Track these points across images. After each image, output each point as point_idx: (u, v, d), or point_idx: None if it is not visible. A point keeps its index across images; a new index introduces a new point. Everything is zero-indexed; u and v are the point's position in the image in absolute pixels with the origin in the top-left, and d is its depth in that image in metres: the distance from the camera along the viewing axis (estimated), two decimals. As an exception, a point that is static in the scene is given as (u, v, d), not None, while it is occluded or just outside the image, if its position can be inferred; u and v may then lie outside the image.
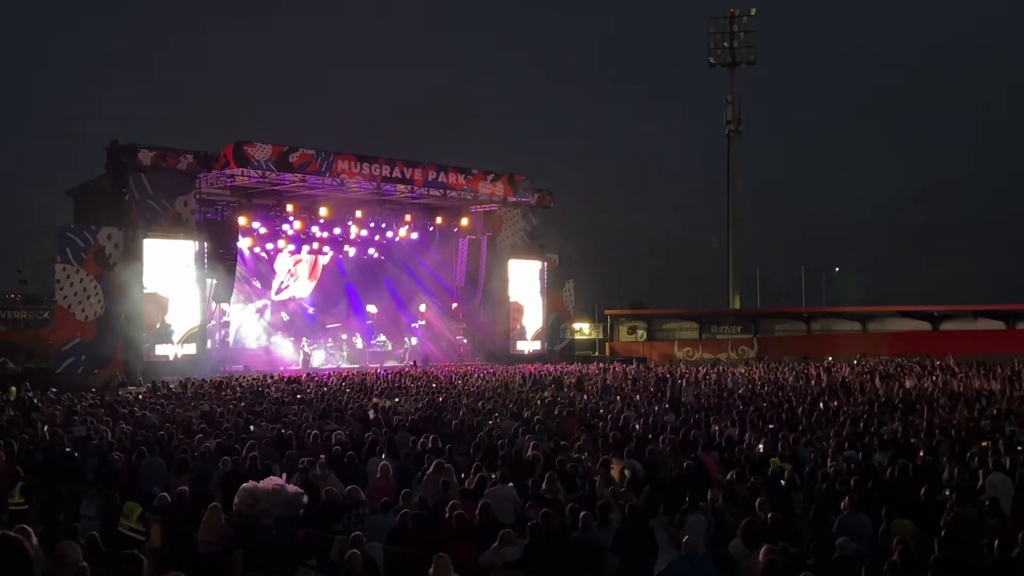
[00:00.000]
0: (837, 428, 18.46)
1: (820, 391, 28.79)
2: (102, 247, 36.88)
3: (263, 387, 29.04)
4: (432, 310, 50.50)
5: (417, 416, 20.55)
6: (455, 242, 49.47)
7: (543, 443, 16.48)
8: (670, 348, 55.89)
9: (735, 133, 68.48)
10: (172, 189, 38.38)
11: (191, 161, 38.43)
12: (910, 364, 40.02)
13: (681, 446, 16.37)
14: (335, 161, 40.42)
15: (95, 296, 36.54)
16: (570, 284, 53.66)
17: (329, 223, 44.12)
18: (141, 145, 37.57)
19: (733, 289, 68.29)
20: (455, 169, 44.93)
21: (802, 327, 58.76)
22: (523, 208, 50.49)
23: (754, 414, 21.08)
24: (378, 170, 41.91)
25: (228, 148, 38.15)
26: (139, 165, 37.34)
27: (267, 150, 38.44)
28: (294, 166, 39.28)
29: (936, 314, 56.08)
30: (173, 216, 38.27)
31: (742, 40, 67.45)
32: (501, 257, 49.56)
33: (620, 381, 33.43)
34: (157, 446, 16.01)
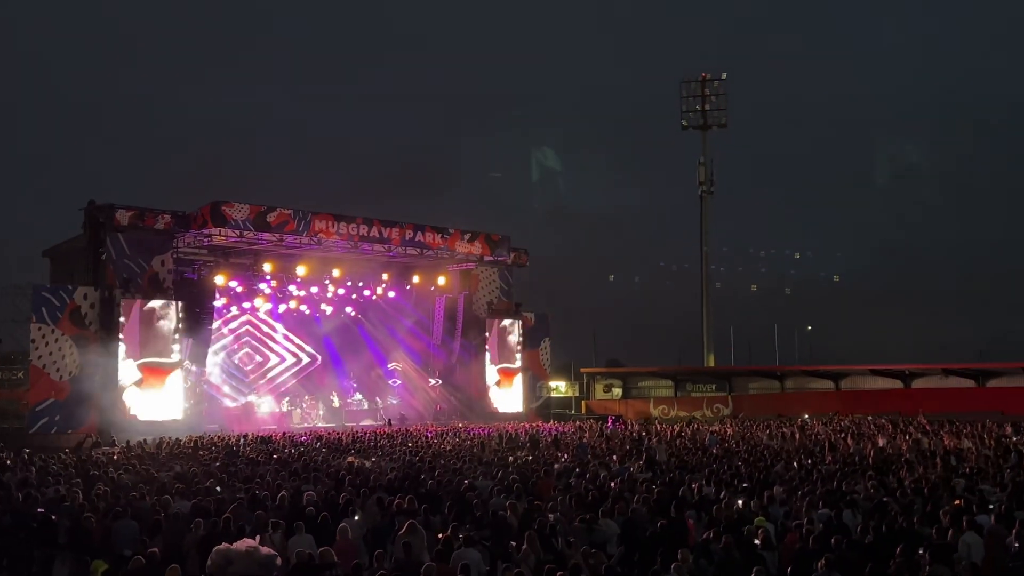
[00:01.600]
0: (811, 487, 18.41)
1: (794, 449, 28.76)
2: (78, 307, 36.70)
3: (237, 447, 28.74)
4: (409, 368, 50.33)
5: (392, 476, 20.36)
6: (432, 300, 49.52)
7: (519, 503, 16.36)
8: (646, 406, 55.75)
9: (707, 194, 69.10)
10: (149, 249, 38.38)
11: (168, 221, 38.47)
12: (883, 422, 40.12)
13: (657, 505, 16.29)
14: (312, 220, 40.50)
15: (70, 356, 36.27)
16: (546, 342, 53.72)
17: (306, 282, 44.11)
18: (119, 205, 37.65)
19: (708, 347, 68.43)
20: (432, 228, 45.13)
21: (776, 385, 58.85)
22: (499, 267, 50.70)
23: (729, 472, 21.02)
24: (355, 229, 42.01)
25: (206, 208, 38.19)
26: (116, 225, 37.38)
27: (245, 210, 38.48)
28: (272, 225, 39.31)
29: (908, 372, 56.38)
30: (150, 276, 38.20)
31: (714, 103, 68.36)
32: (478, 315, 49.63)
33: (595, 439, 33.31)
34: (130, 507, 15.77)
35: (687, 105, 68.81)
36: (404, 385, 50.29)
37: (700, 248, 69.94)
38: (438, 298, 49.44)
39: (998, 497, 16.88)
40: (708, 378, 60.42)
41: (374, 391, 49.17)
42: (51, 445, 30.38)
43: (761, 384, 59.26)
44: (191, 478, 19.95)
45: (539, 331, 53.05)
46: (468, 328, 49.34)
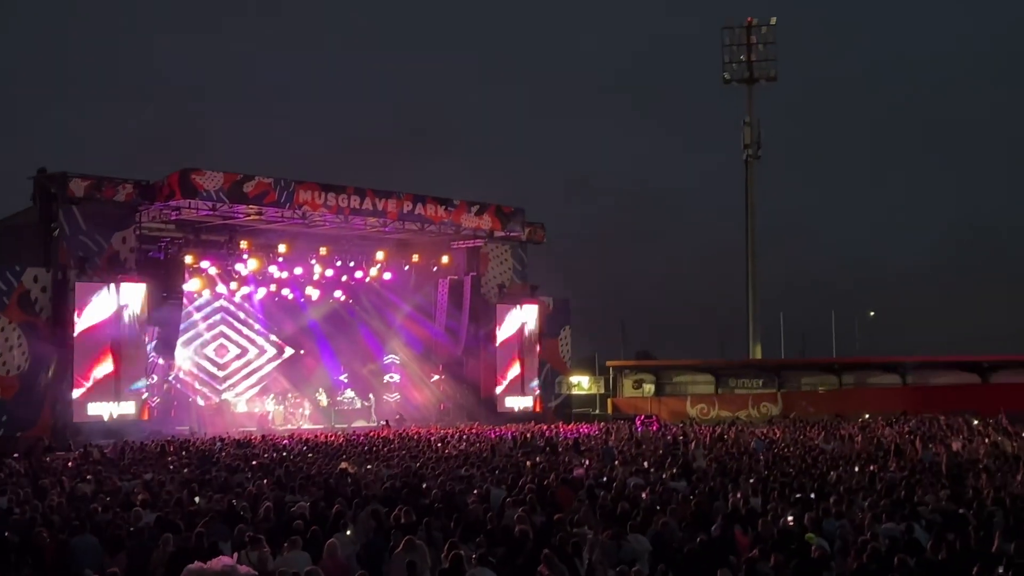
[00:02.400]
0: (874, 498, 18.39)
1: (854, 454, 28.73)
2: (27, 290, 36.82)
3: (212, 451, 28.87)
4: (408, 361, 50.46)
5: (389, 485, 20.43)
6: (435, 283, 49.54)
7: (535, 516, 16.39)
8: (682, 405, 55.75)
9: (753, 159, 68.80)
10: (108, 224, 38.47)
11: (131, 192, 38.55)
12: (957, 422, 40.00)
13: (695, 518, 16.30)
14: (296, 191, 40.51)
15: (18, 347, 36.40)
16: (566, 331, 53.68)
17: (289, 261, 44.19)
18: (73, 174, 37.66)
19: (753, 337, 68.31)
20: (434, 200, 45.09)
21: (833, 380, 58.69)
22: (512, 244, 50.65)
23: (779, 481, 21.01)
24: (345, 201, 42.01)
25: (173, 177, 38.25)
26: (70, 196, 37.42)
27: (218, 179, 38.50)
28: (249, 197, 39.36)
29: (986, 364, 56.14)
30: (109, 255, 38.28)
31: (761, 53, 67.96)
32: (487, 300, 49.61)
33: (624, 443, 33.36)
34: (90, 521, 15.86)
35: (730, 55, 68.44)
36: (402, 381, 50.43)
37: (745, 222, 69.71)
38: (441, 280, 49.46)
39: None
40: (754, 372, 60.33)
41: (368, 388, 49.31)
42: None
43: (816, 379, 59.14)
44: (158, 487, 20.05)
45: (558, 318, 53.01)
46: (476, 315, 49.31)
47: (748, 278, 69.37)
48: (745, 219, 69.72)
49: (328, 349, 48.55)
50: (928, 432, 36.01)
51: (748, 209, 69.51)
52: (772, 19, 68.48)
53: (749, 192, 69.39)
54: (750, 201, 69.37)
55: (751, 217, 69.39)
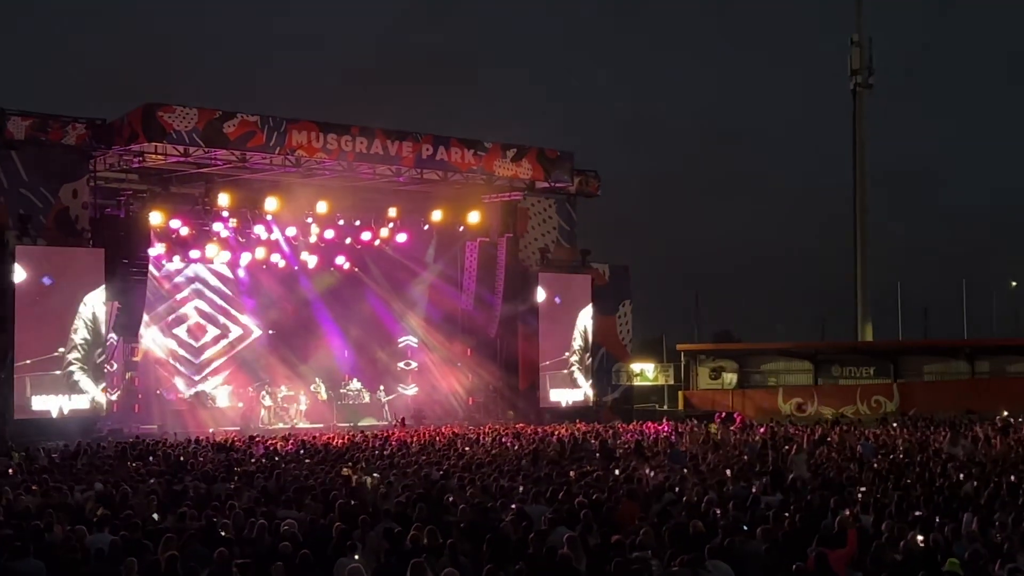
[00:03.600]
0: (1017, 515, 18.27)
1: (991, 461, 28.57)
2: (-44, 256, 37.12)
3: (186, 456, 29.07)
4: (427, 345, 50.59)
5: (405, 498, 20.50)
6: (461, 247, 49.55)
7: (588, 537, 16.40)
8: (772, 399, 55.73)
9: (863, 88, 68.38)
10: (56, 173, 38.71)
11: (83, 133, 38.77)
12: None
13: (790, 540, 16.26)
14: (289, 132, 40.51)
15: (-54, 327, 36.76)
16: (626, 307, 53.63)
17: (280, 220, 44.22)
18: (12, 111, 37.86)
19: (863, 315, 68.11)
20: (459, 142, 44.96)
21: (964, 368, 58.45)
22: (558, 198, 50.59)
23: (896, 495, 20.94)
24: (350, 144, 41.95)
25: (135, 114, 38.36)
26: (9, 139, 37.68)
27: (191, 116, 38.52)
28: (230, 139, 39.42)
29: None
30: (58, 211, 38.54)
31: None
32: (527, 268, 49.60)
33: (699, 447, 33.36)
34: (34, 543, 16.00)
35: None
36: (422, 368, 50.55)
37: (852, 170, 69.32)
38: (470, 243, 49.45)
39: None
40: (864, 358, 60.18)
41: (379, 377, 49.54)
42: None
43: (941, 367, 58.90)
44: (120, 500, 20.19)
45: (616, 291, 52.97)
46: (513, 286, 49.28)
47: (856, 242, 69.08)
48: (852, 165, 69.36)
49: (329, 329, 48.72)
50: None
51: (856, 152, 69.10)
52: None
53: (857, 131, 69.00)
54: (859, 142, 68.97)
55: (860, 162, 68.98)
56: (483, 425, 43.46)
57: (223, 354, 46.76)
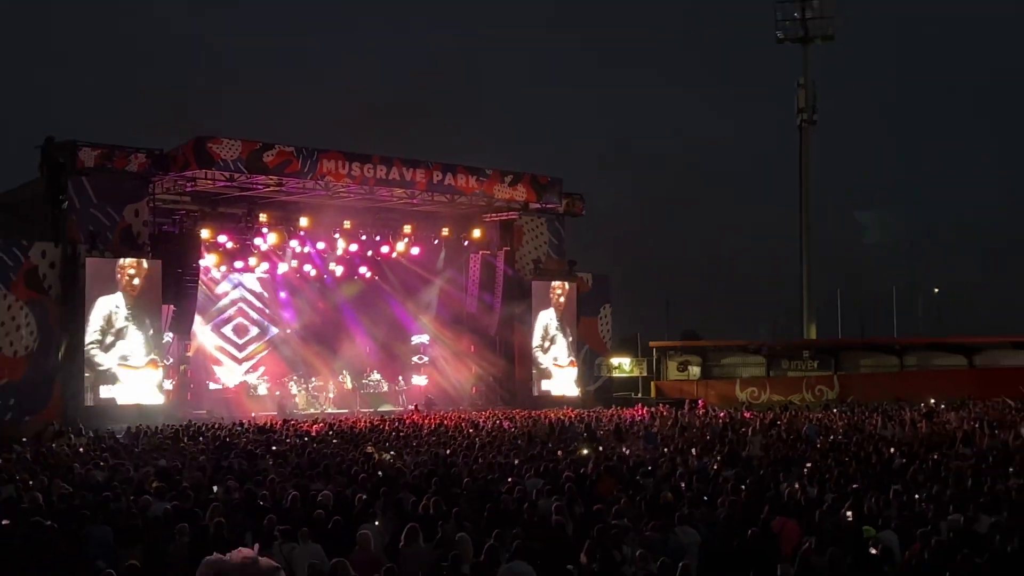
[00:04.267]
0: (938, 488, 18.29)
1: (917, 442, 28.59)
2: (35, 267, 37.03)
3: (231, 437, 29.06)
4: (437, 343, 50.56)
5: (418, 473, 20.50)
6: (465, 259, 49.54)
7: (574, 506, 16.41)
8: (731, 388, 55.63)
9: (808, 124, 68.26)
10: (120, 196, 38.64)
11: (143, 162, 38.69)
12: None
13: (746, 509, 16.27)
14: (319, 161, 40.51)
15: (26, 327, 36.64)
16: (606, 310, 53.59)
17: (311, 236, 44.29)
18: (82, 142, 37.74)
19: (808, 316, 68.00)
20: (465, 169, 44.96)
21: (894, 362, 58.39)
22: (548, 217, 50.54)
23: (835, 470, 20.96)
24: (371, 171, 41.97)
25: (188, 146, 38.35)
26: (80, 167, 37.53)
27: (236, 147, 38.53)
28: (269, 167, 39.43)
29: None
30: (122, 229, 38.48)
31: (816, 10, 67.34)
32: (522, 277, 49.57)
33: (669, 428, 33.35)
34: (102, 511, 15.99)
35: (783, 12, 67.91)
36: (432, 362, 50.53)
37: (800, 193, 69.21)
38: (473, 255, 49.47)
39: None
40: (809, 354, 60.05)
41: (396, 370, 49.50)
42: (4, 435, 30.62)
43: (875, 361, 58.82)
44: (174, 475, 20.19)
45: (598, 296, 52.90)
46: (510, 292, 49.27)
47: (802, 253, 68.96)
48: (799, 189, 69.24)
49: (354, 328, 48.69)
50: (997, 418, 35.76)
51: (802, 178, 68.99)
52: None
53: (804, 159, 68.89)
54: (805, 169, 68.87)
55: (805, 186, 68.87)
56: (484, 410, 43.47)
57: (263, 350, 46.75)
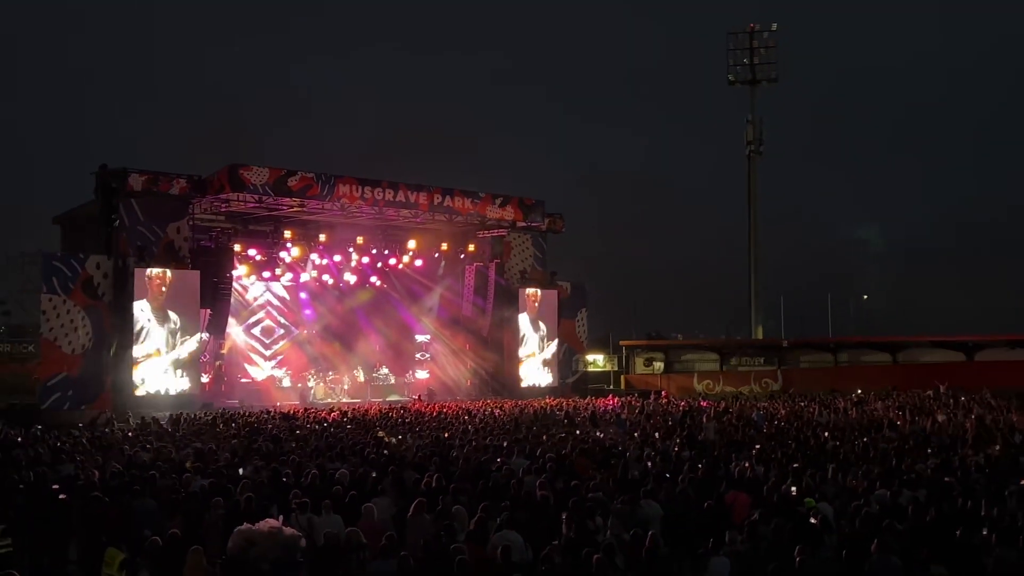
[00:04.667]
0: (866, 466, 18.34)
1: (849, 426, 28.65)
2: (90, 276, 36.93)
3: (259, 423, 28.99)
4: (437, 341, 50.51)
5: (421, 454, 20.48)
6: (461, 269, 49.51)
7: (555, 483, 16.40)
8: (689, 381, 55.66)
9: (756, 154, 68.49)
10: (164, 215, 38.54)
11: (184, 186, 38.60)
12: (943, 397, 39.80)
13: (702, 485, 16.29)
14: (336, 185, 40.50)
15: (83, 328, 36.54)
16: (583, 313, 53.61)
17: (329, 249, 44.26)
18: (132, 169, 37.70)
19: (755, 319, 68.11)
20: (461, 193, 44.99)
21: (829, 358, 58.51)
22: (533, 233, 50.54)
23: (779, 451, 20.99)
24: (381, 194, 41.98)
25: (223, 172, 38.31)
26: (129, 190, 37.49)
27: (264, 174, 38.53)
28: (293, 190, 39.39)
29: (971, 344, 55.82)
30: (165, 243, 38.41)
31: (763, 56, 67.59)
32: (510, 285, 49.57)
33: (636, 416, 33.36)
34: (149, 487, 15.94)
35: (734, 59, 68.12)
36: (433, 359, 50.49)
37: (748, 212, 69.38)
38: (468, 267, 49.40)
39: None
40: (756, 351, 60.18)
41: (401, 365, 49.42)
42: (63, 422, 30.57)
43: (813, 358, 58.93)
44: (210, 455, 20.14)
45: (575, 301, 52.90)
46: (500, 298, 49.28)
47: (750, 264, 69.15)
48: (747, 209, 69.45)
49: (364, 330, 48.60)
50: (917, 406, 35.87)
51: (750, 200, 69.24)
52: (773, 25, 68.18)
53: (751, 184, 69.13)
54: (752, 193, 69.11)
55: (753, 207, 69.12)
56: (478, 400, 43.42)
57: (287, 347, 46.61)
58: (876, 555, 11.17)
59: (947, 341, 56.76)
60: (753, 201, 69.03)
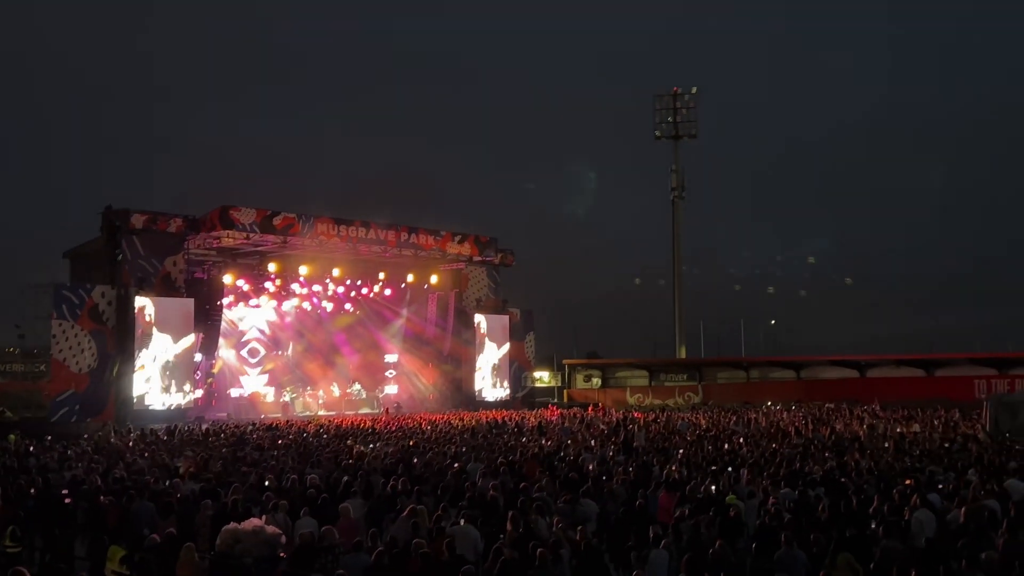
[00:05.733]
0: (775, 468, 18.45)
1: (759, 434, 28.83)
2: (96, 304, 36.51)
3: (246, 434, 28.63)
4: (404, 360, 50.25)
5: (388, 460, 20.31)
6: (425, 297, 49.41)
7: (506, 484, 16.34)
8: (623, 395, 55.84)
9: (679, 199, 69.19)
10: (162, 250, 38.29)
11: (180, 224, 38.39)
12: (840, 408, 40.27)
13: (633, 485, 16.30)
14: (315, 224, 40.40)
15: (88, 350, 36.10)
16: (531, 336, 53.68)
17: (309, 280, 43.97)
18: (134, 209, 37.53)
19: (680, 340, 68.51)
20: (425, 231, 45.03)
21: (742, 375, 59.00)
22: (488, 267, 50.64)
23: (700, 455, 21.06)
24: (355, 232, 41.93)
25: (215, 212, 38.05)
26: (131, 228, 37.31)
27: (251, 214, 38.36)
28: (277, 228, 39.16)
29: (863, 362, 56.60)
30: (163, 275, 38.08)
31: (684, 116, 68.44)
32: (468, 311, 49.56)
33: (576, 425, 33.35)
34: (146, 490, 15.68)
35: (660, 117, 68.89)
36: (400, 375, 50.20)
37: (672, 249, 70.00)
38: (431, 295, 49.35)
39: (945, 478, 16.93)
40: (680, 369, 60.52)
41: (372, 382, 49.07)
42: (71, 433, 30.13)
43: (729, 374, 59.38)
44: (201, 462, 19.85)
45: (524, 326, 53.01)
46: (459, 323, 49.27)
47: (675, 294, 69.63)
48: (672, 246, 70.06)
49: (341, 350, 48.22)
50: (817, 416, 36.22)
51: (674, 238, 69.84)
52: (693, 88, 69.20)
53: (675, 225, 69.73)
54: (676, 233, 69.71)
55: (677, 245, 69.70)
56: (440, 413, 43.22)
57: (271, 366, 46.12)
58: (784, 547, 11.23)
59: (843, 360, 57.51)
60: (677, 240, 69.66)
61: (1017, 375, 49.75)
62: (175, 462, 20.25)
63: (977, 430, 28.60)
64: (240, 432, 29.18)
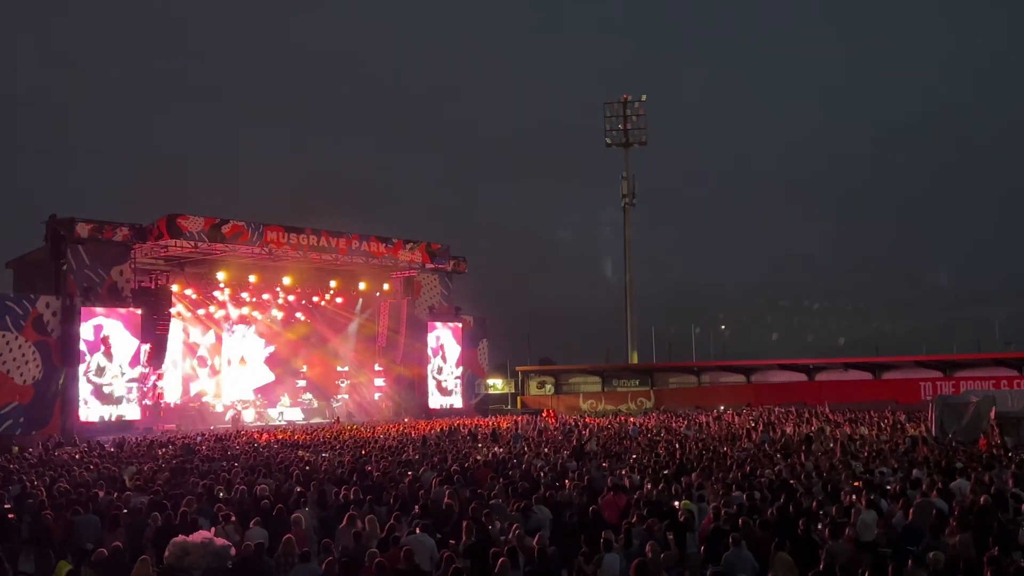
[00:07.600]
0: (725, 472, 18.61)
1: (710, 437, 29.07)
2: (40, 315, 35.84)
3: (194, 445, 28.24)
4: (356, 369, 49.93)
5: (340, 469, 20.15)
6: (378, 305, 49.17)
7: (460, 492, 16.29)
8: (576, 401, 56.04)
9: (630, 206, 69.71)
10: (108, 260, 37.75)
11: (127, 233, 37.87)
12: (789, 412, 40.78)
13: (585, 491, 16.33)
14: (264, 231, 40.10)
15: (33, 361, 35.41)
16: (484, 343, 53.66)
17: (259, 289, 43.59)
18: (79, 219, 36.93)
19: (631, 346, 68.93)
20: (377, 238, 44.88)
21: (693, 380, 59.53)
22: (440, 274, 50.56)
23: (651, 460, 21.14)
24: (305, 240, 41.63)
25: (162, 221, 37.61)
26: (77, 237, 36.75)
27: (199, 222, 37.99)
28: (226, 236, 38.82)
29: (811, 366, 57.40)
30: (109, 285, 37.52)
31: (634, 123, 68.98)
32: (420, 319, 49.40)
33: (531, 432, 33.37)
34: (92, 503, 15.39)
35: (610, 124, 69.36)
36: (353, 384, 49.85)
37: (624, 255, 70.47)
38: (383, 303, 49.14)
39: (894, 479, 17.21)
40: (632, 374, 60.91)
41: (324, 390, 48.68)
42: (15, 444, 29.55)
43: (680, 379, 59.91)
44: (149, 474, 19.54)
45: (477, 333, 52.98)
46: (411, 330, 49.08)
47: (626, 300, 70.05)
48: (623, 252, 70.51)
49: (291, 360, 47.80)
50: (767, 419, 36.62)
51: (626, 245, 70.34)
52: (643, 96, 69.74)
53: (627, 232, 70.23)
54: (627, 239, 70.20)
55: (628, 251, 70.17)
56: (393, 422, 43.04)
57: (221, 376, 45.57)
58: (732, 548, 11.35)
59: (792, 364, 58.29)
60: (628, 246, 70.15)
61: (962, 377, 50.82)
62: (122, 474, 19.89)
63: (923, 431, 29.09)
64: (188, 443, 28.79)
